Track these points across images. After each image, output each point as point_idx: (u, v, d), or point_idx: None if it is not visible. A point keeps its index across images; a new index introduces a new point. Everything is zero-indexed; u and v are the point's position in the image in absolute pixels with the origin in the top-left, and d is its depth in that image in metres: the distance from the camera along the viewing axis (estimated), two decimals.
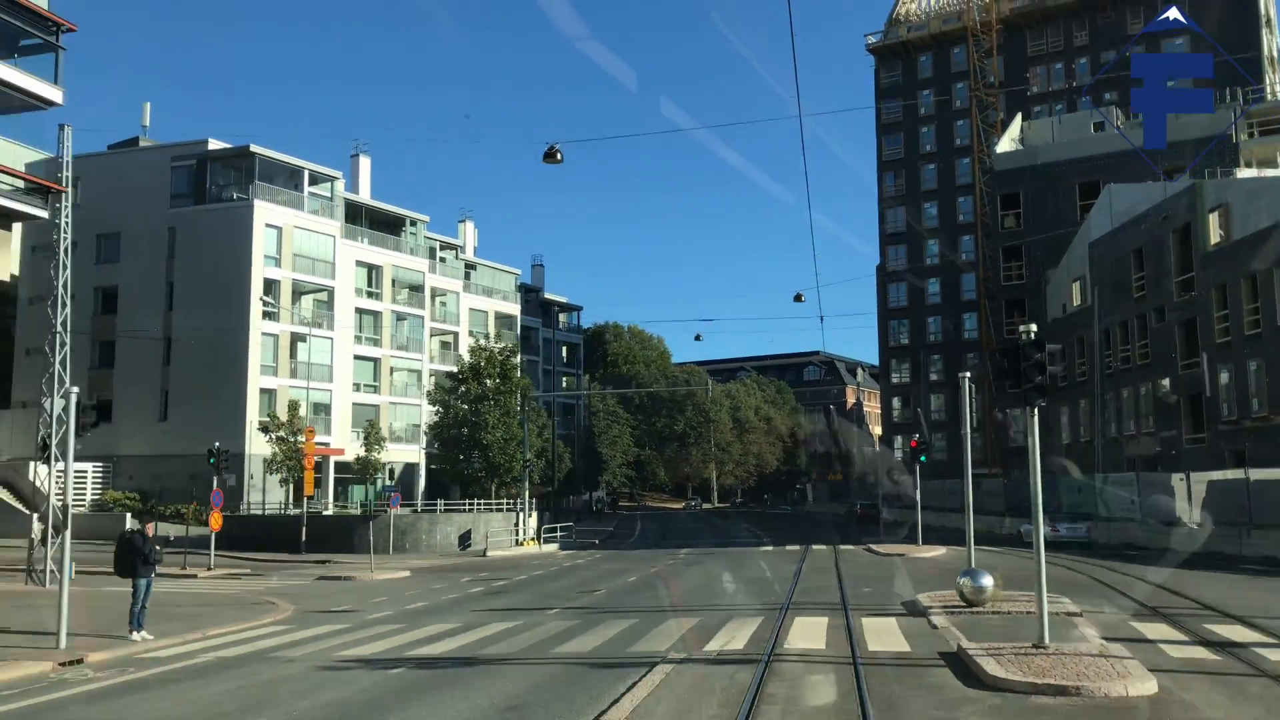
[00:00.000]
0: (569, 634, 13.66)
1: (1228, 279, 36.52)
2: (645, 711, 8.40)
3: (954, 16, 70.34)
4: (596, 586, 21.29)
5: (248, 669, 11.61)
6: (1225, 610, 14.22)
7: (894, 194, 71.57)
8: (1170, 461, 38.77)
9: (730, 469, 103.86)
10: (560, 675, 10.55)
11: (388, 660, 11.88)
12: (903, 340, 70.63)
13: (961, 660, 10.28)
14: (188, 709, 9.38)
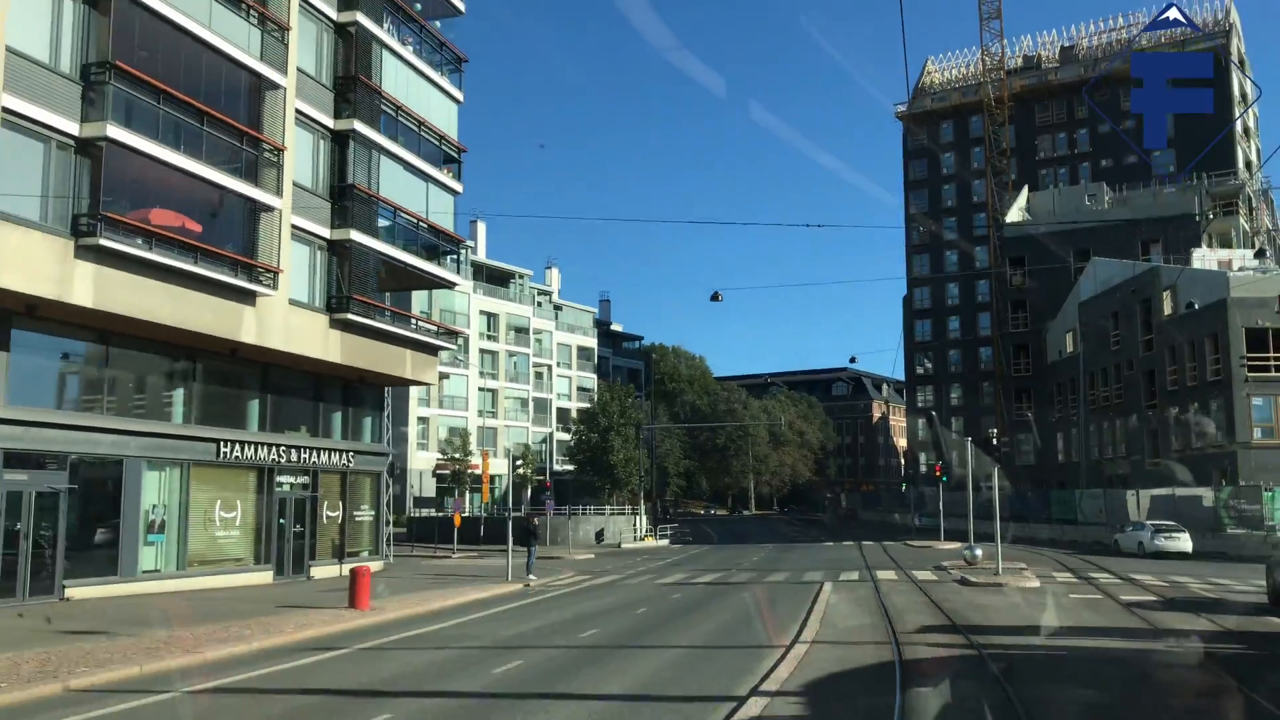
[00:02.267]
0: (760, 576, 27.43)
1: (1175, 342, 50.21)
2: (834, 603, 21.83)
3: (972, 89, 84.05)
4: (739, 560, 35.10)
5: (614, 588, 25.32)
6: (1106, 569, 27.93)
7: (919, 243, 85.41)
8: (1136, 480, 52.38)
9: (766, 479, 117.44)
10: (779, 587, 24.24)
11: (688, 584, 25.65)
12: (927, 368, 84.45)
13: (959, 581, 24.06)
14: (607, 599, 22.88)
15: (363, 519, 29.83)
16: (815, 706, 9.50)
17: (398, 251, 27.63)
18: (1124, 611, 17.34)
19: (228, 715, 10.44)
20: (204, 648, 14.09)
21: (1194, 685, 10.34)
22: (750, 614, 18.48)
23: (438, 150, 30.03)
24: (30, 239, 17.98)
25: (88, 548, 20.99)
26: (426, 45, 29.99)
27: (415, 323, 29.29)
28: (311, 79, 25.27)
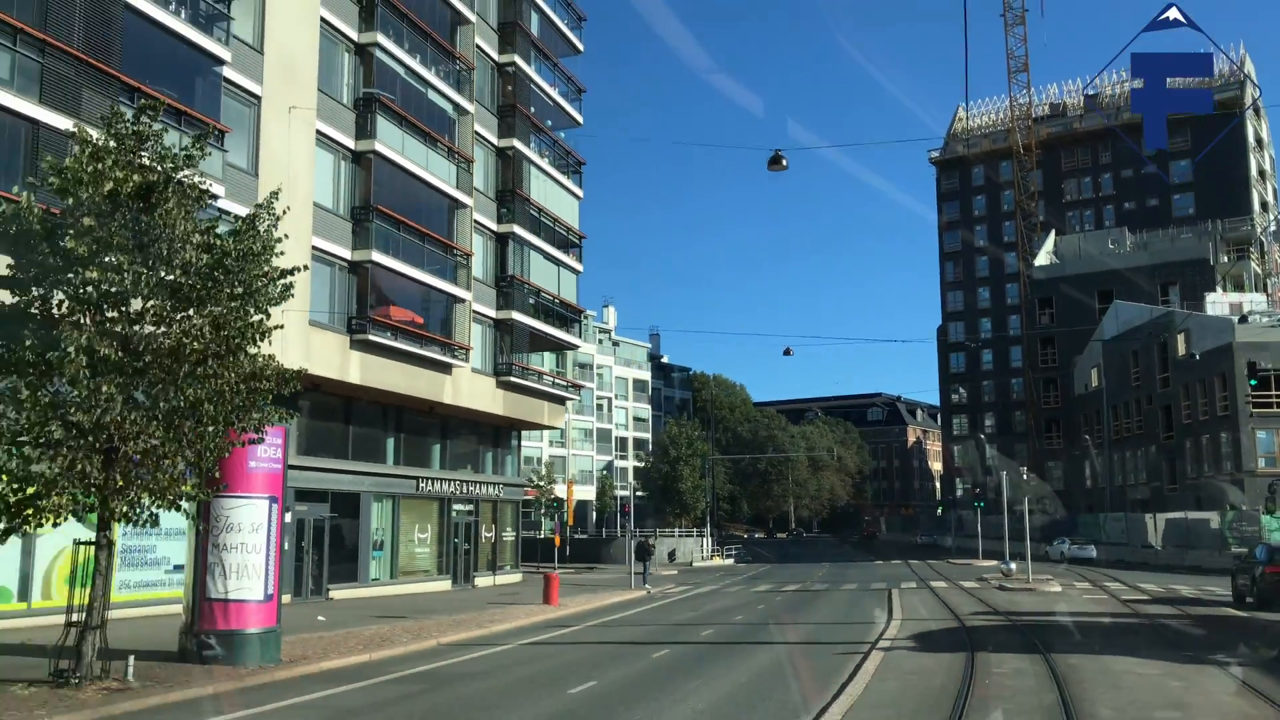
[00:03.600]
0: (834, 585, 34.46)
1: (1188, 381, 56.91)
2: (905, 601, 28.72)
3: (1001, 135, 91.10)
4: (808, 575, 42.10)
5: (719, 594, 32.42)
6: (1119, 580, 34.75)
7: (953, 280, 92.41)
8: (1155, 505, 58.95)
9: (806, 503, 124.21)
10: (855, 593, 31.27)
11: (779, 591, 32.73)
12: (961, 395, 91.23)
13: (998, 587, 31.05)
14: (726, 601, 30.05)
15: (507, 539, 37.20)
16: (920, 641, 16.67)
17: (541, 324, 35.12)
18: (1119, 604, 24.35)
19: (563, 654, 17.61)
20: (477, 627, 21.31)
21: (1140, 637, 17.37)
22: (847, 607, 25.57)
23: (565, 238, 37.55)
24: (325, 337, 25.54)
25: (338, 561, 28.43)
26: (555, 152, 37.59)
27: (552, 380, 36.72)
28: (483, 195, 32.87)
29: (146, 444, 12.46)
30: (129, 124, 13.20)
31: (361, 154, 26.91)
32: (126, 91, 19.13)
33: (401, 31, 28.19)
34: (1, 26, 17.18)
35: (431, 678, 14.40)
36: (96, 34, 18.82)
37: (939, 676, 12.89)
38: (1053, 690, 11.65)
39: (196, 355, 12.74)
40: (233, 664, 14.71)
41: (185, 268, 12.62)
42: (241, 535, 15.15)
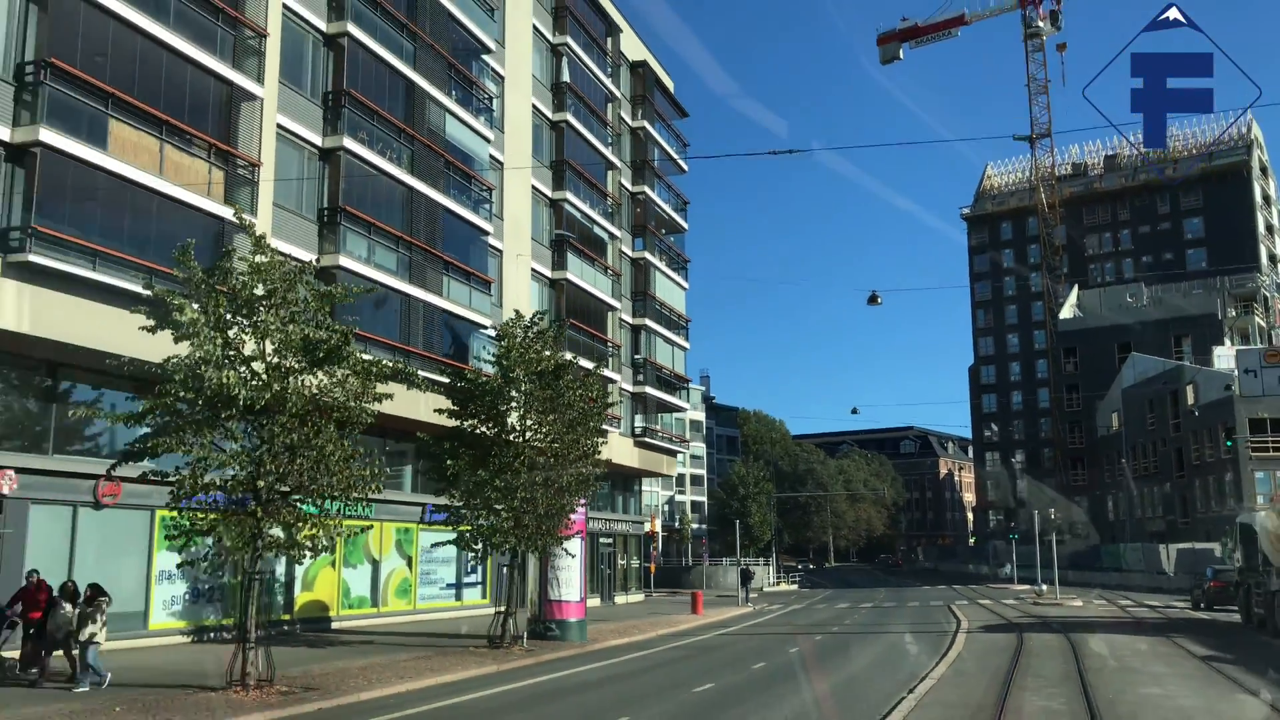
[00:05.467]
0: (901, 603, 44.29)
1: (1196, 427, 66.55)
2: (965, 612, 38.45)
3: (1026, 193, 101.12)
4: (871, 596, 51.79)
5: (811, 610, 42.32)
6: (1129, 598, 44.43)
7: (984, 326, 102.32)
8: (1170, 536, 68.43)
9: (844, 533, 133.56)
10: (921, 608, 41.10)
11: (859, 608, 42.62)
12: (994, 430, 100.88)
13: (1033, 603, 40.85)
14: (822, 615, 39.95)
15: (633, 566, 47.24)
16: (985, 629, 26.66)
17: (662, 393, 45.34)
18: (1120, 611, 34.21)
19: (749, 639, 27.46)
20: (669, 625, 31.26)
21: (1127, 627, 27.24)
22: (921, 615, 35.46)
23: (676, 322, 47.86)
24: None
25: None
26: (670, 254, 47.98)
27: (669, 438, 46.93)
28: (624, 298, 43.22)
29: (552, 513, 22.70)
30: (531, 325, 23.51)
31: (556, 280, 37.29)
32: (445, 266, 29.54)
33: (579, 187, 38.65)
34: (388, 236, 27.59)
35: (688, 648, 24.48)
36: (428, 229, 29.24)
37: (1002, 642, 22.93)
38: (1068, 647, 21.61)
39: (569, 459, 22.98)
40: (563, 640, 24.83)
41: (574, 413, 22.89)
42: (565, 562, 25.33)
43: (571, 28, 38.71)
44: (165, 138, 20.64)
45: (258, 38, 23.29)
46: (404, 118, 28.35)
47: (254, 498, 15.89)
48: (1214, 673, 17.48)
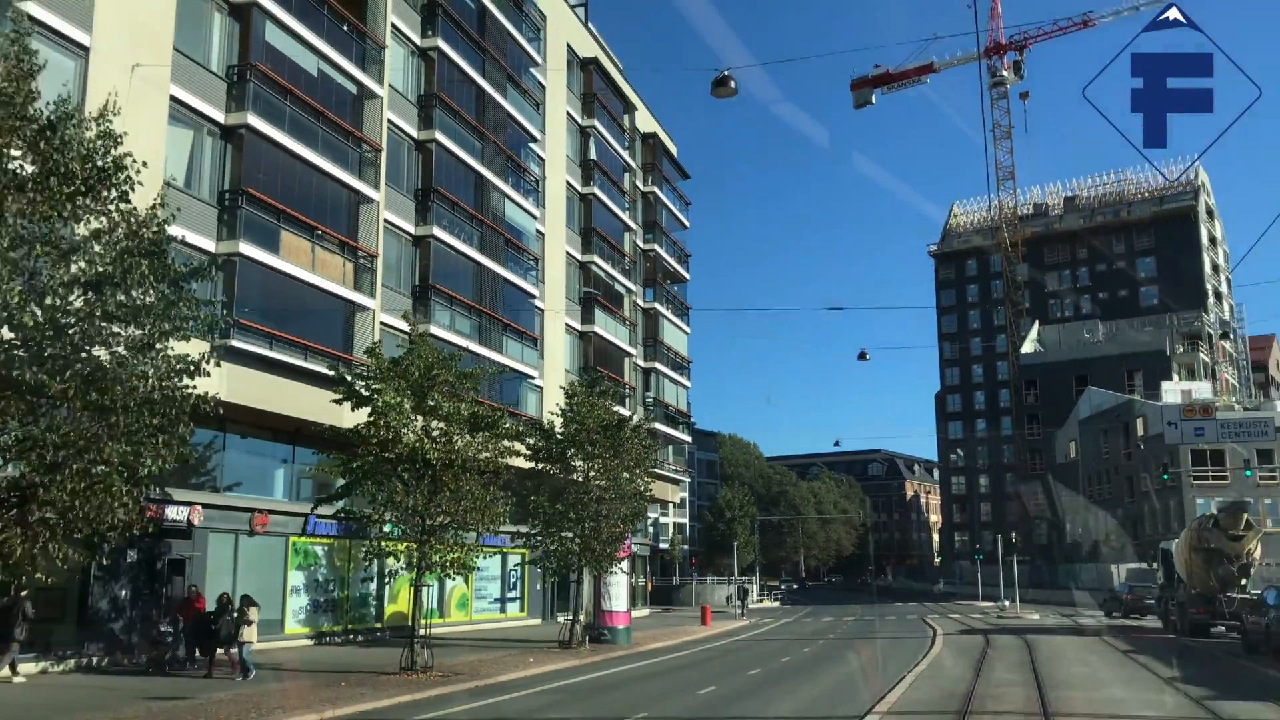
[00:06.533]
0: (881, 617, 50.44)
1: (1145, 457, 73.55)
2: (938, 625, 44.54)
3: (991, 232, 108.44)
4: (850, 612, 57.84)
5: (800, 623, 48.32)
6: (1080, 613, 50.88)
7: (950, 357, 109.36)
8: (1123, 557, 75.20)
9: (815, 553, 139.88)
10: (901, 621, 47.25)
11: (843, 621, 48.66)
12: (959, 455, 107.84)
13: (996, 616, 47.11)
14: (813, 627, 45.96)
15: (639, 584, 52.93)
16: (960, 634, 32.80)
17: (670, 430, 51.24)
18: (1068, 621, 40.52)
19: (760, 644, 33.29)
20: (689, 634, 37.06)
21: (1067, 629, 33.47)
22: (900, 626, 41.53)
23: (680, 364, 53.86)
24: None
25: None
26: (673, 302, 54.03)
27: (674, 469, 52.79)
28: (638, 344, 49.14)
29: (612, 539, 28.50)
30: (586, 385, 29.39)
31: (585, 333, 43.17)
32: (504, 327, 35.30)
33: (604, 249, 44.63)
34: (464, 305, 33.34)
35: (717, 650, 30.37)
36: (491, 297, 35.02)
37: (972, 642, 29.07)
38: (1024, 645, 27.72)
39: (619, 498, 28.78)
40: (614, 644, 30.58)
41: (631, 459, 28.73)
42: (615, 579, 31.12)
43: (598, 111, 44.78)
44: (315, 240, 26.33)
45: (373, 151, 29.05)
46: (474, 204, 34.19)
47: (421, 530, 21.54)
48: (1129, 660, 23.72)
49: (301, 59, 26.42)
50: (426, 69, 32.54)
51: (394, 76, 30.84)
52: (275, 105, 25.16)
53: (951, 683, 18.56)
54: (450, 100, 32.93)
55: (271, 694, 17.99)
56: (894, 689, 17.23)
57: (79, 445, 12.06)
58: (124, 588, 23.02)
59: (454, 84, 33.43)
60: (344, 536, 29.73)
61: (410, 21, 32.00)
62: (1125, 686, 18.63)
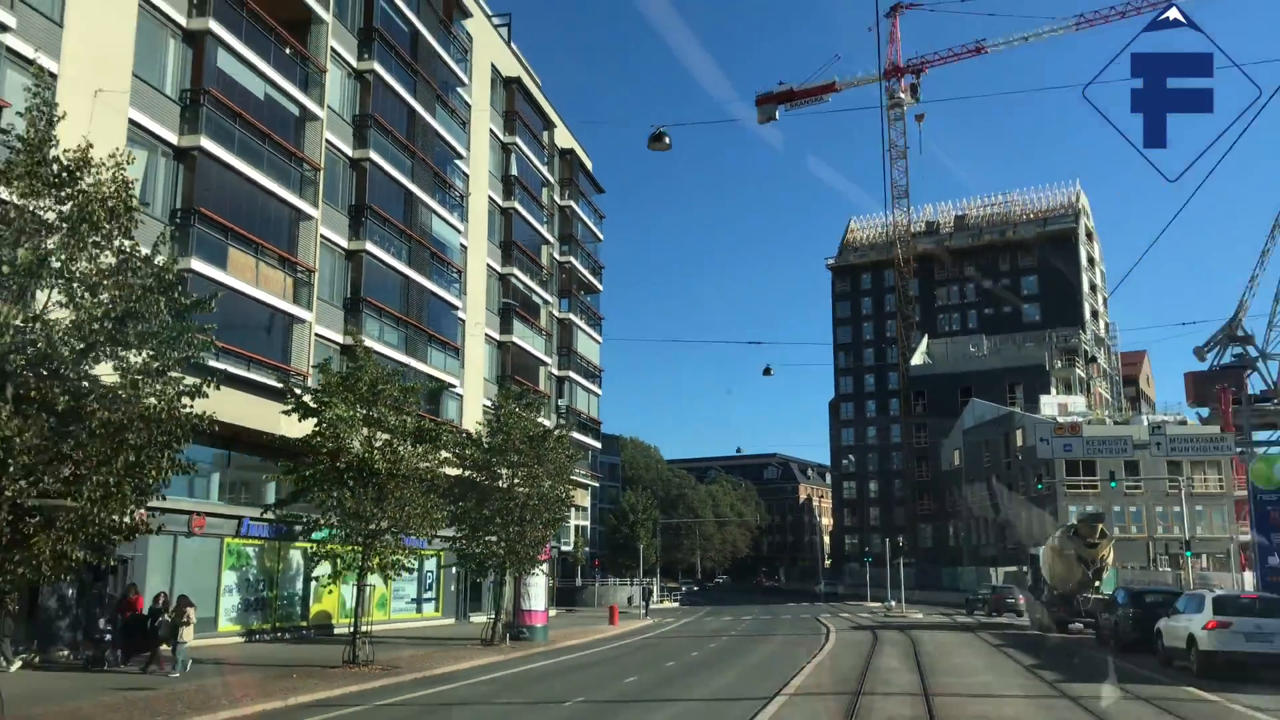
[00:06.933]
0: (777, 615, 53.59)
1: (1024, 466, 78.65)
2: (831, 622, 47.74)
3: (886, 248, 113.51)
4: (749, 611, 60.97)
5: (701, 621, 51.07)
6: (960, 613, 54.83)
7: (845, 367, 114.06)
8: (1001, 560, 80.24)
9: (711, 554, 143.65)
10: (797, 620, 50.40)
11: (742, 619, 51.60)
12: (850, 461, 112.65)
13: (884, 615, 50.65)
14: (714, 625, 48.73)
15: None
16: (851, 631, 35.84)
17: (583, 437, 53.42)
18: (947, 619, 44.08)
19: (669, 641, 35.76)
20: (600, 631, 39.34)
21: (947, 626, 36.84)
22: (798, 623, 44.55)
23: (592, 372, 56.10)
24: None
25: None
26: (587, 312, 56.25)
27: (586, 474, 54.98)
28: (553, 354, 51.21)
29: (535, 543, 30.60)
30: (513, 397, 31.45)
31: (503, 343, 45.07)
32: (429, 339, 37.03)
33: (523, 261, 46.61)
34: (393, 317, 34.98)
35: (628, 646, 32.74)
36: (417, 309, 36.72)
37: (863, 637, 32.09)
38: (908, 640, 30.78)
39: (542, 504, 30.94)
40: (532, 641, 32.68)
41: (555, 467, 30.86)
42: (534, 580, 33.20)
43: (519, 128, 46.73)
44: (259, 256, 27.79)
45: (313, 171, 30.57)
46: (403, 220, 35.87)
47: (365, 534, 23.31)
48: (998, 651, 26.96)
49: (250, 83, 27.83)
50: (362, 90, 34.11)
51: (332, 98, 32.35)
52: (226, 128, 26.56)
53: (846, 670, 21.28)
54: (384, 120, 34.54)
55: (231, 685, 19.59)
56: (797, 675, 19.82)
57: (98, 459, 13.73)
58: (71, 586, 24.19)
59: (388, 104, 35.05)
60: (275, 538, 31.20)
61: (348, 45, 33.53)
62: (993, 673, 21.61)
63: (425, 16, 37.68)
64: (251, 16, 27.90)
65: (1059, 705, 16.30)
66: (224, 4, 26.83)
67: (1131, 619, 25.91)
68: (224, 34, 26.59)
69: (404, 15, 36.21)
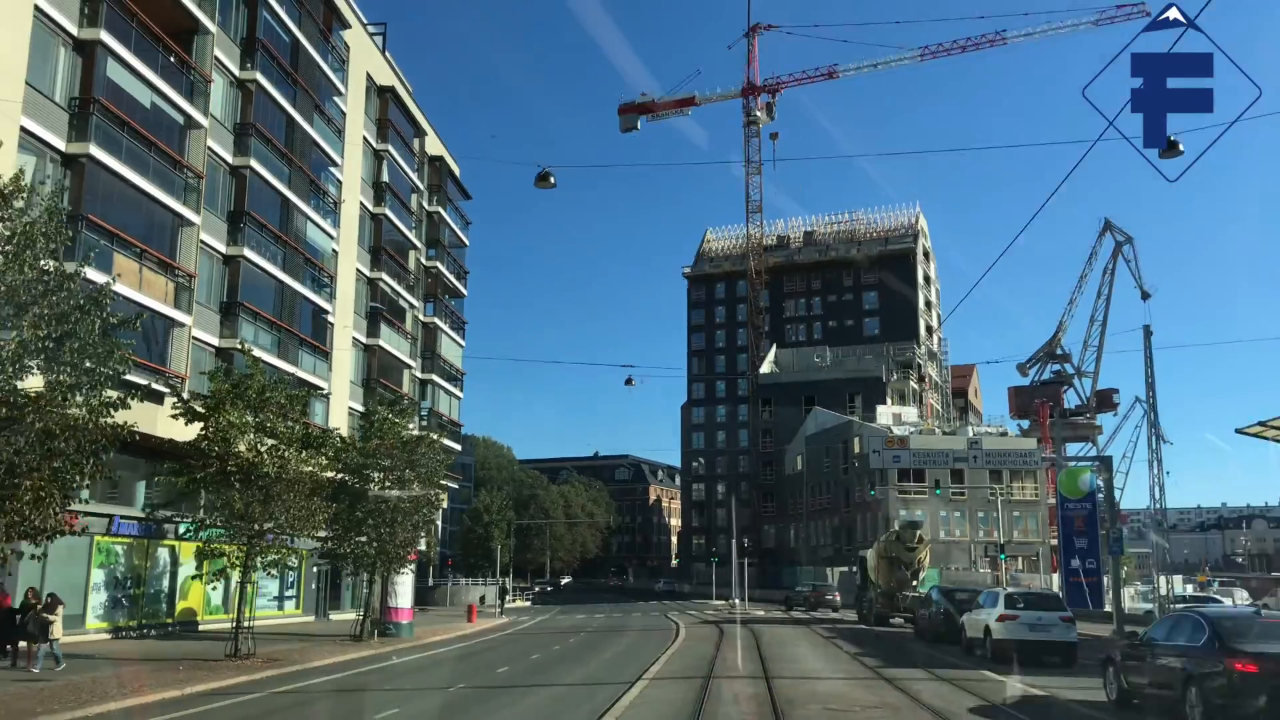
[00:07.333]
0: (628, 613, 56.38)
1: (860, 473, 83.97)
2: (679, 619, 50.71)
3: (739, 259, 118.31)
4: (600, 609, 63.61)
5: (556, 619, 53.45)
6: (796, 610, 58.82)
7: (697, 373, 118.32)
8: (837, 560, 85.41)
9: (561, 555, 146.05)
10: (648, 617, 53.27)
11: (595, 616, 54.17)
12: (700, 463, 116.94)
13: (728, 611, 54.07)
14: (569, 623, 51.22)
15: None
16: (698, 626, 38.83)
17: (449, 441, 54.95)
18: (785, 615, 47.71)
19: (524, 639, 37.92)
20: (459, 630, 41.17)
21: (785, 621, 40.32)
22: (650, 620, 47.35)
23: (454, 375, 57.67)
24: None
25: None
26: (451, 316, 57.78)
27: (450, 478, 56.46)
28: (417, 357, 52.56)
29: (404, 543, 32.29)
30: (389, 407, 33.06)
31: (370, 346, 46.27)
32: (300, 342, 38.12)
33: (391, 266, 47.88)
34: (267, 322, 35.99)
35: (491, 641, 34.81)
36: (290, 313, 37.78)
37: (710, 631, 35.07)
38: (750, 633, 33.89)
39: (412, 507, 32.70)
40: (398, 637, 34.34)
41: (425, 471, 32.60)
42: (401, 579, 34.86)
43: (391, 136, 47.99)
44: (142, 261, 28.61)
45: (196, 178, 31.45)
46: (279, 226, 36.89)
47: (249, 535, 24.68)
48: (829, 642, 30.36)
49: (138, 92, 28.61)
50: (244, 99, 35.01)
51: (215, 106, 33.22)
52: (114, 136, 27.34)
53: (697, 658, 24.03)
54: (264, 129, 35.53)
55: (123, 677, 20.78)
56: (655, 663, 22.42)
57: (28, 465, 15.09)
58: None
59: (268, 113, 36.02)
60: (144, 537, 31.93)
61: (231, 54, 34.40)
62: (823, 660, 24.75)
63: (306, 27, 38.73)
64: (141, 27, 28.69)
65: (876, 685, 19.34)
66: (115, 14, 27.60)
67: (942, 614, 29.68)
68: (114, 44, 27.35)
69: (286, 26, 37.20)
